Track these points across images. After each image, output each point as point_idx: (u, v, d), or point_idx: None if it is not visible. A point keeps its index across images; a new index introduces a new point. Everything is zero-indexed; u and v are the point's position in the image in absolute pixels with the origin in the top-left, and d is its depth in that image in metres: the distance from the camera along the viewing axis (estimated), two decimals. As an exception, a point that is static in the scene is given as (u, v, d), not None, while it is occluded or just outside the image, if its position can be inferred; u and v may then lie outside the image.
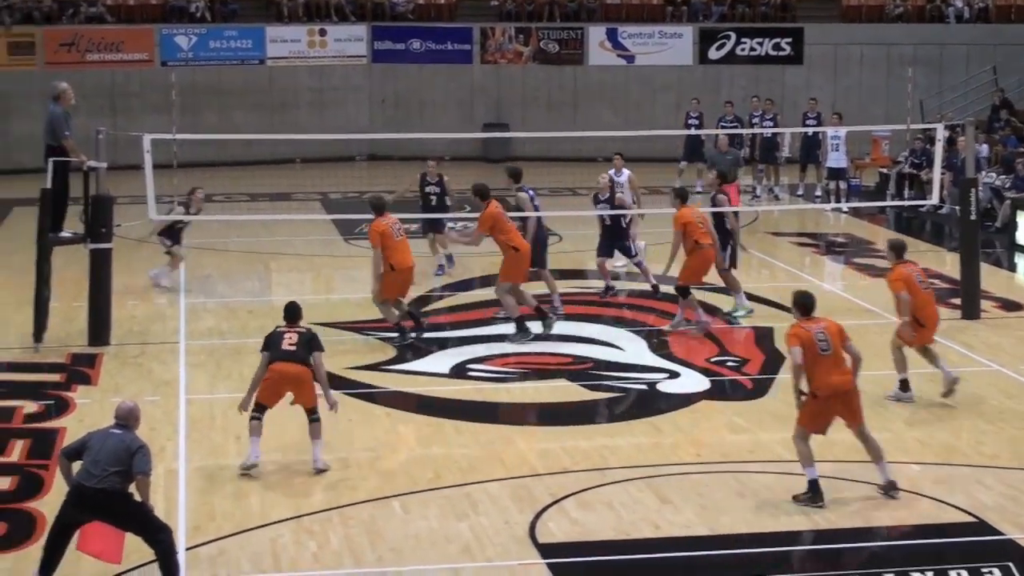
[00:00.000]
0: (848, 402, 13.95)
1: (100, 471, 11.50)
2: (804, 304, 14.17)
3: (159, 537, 11.68)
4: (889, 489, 14.05)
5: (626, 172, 24.78)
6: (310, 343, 14.91)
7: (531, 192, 22.47)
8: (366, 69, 42.56)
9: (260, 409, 14.88)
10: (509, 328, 20.75)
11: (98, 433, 11.97)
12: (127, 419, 11.99)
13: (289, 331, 15.00)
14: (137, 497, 11.66)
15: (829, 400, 13.84)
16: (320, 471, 14.76)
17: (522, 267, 20.44)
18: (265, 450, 15.19)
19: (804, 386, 13.89)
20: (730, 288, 21.86)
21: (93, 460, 11.58)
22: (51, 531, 11.91)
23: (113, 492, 11.52)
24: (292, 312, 15.30)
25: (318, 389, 14.94)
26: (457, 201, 25.13)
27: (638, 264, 23.21)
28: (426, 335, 20.48)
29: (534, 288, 21.68)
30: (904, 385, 17.22)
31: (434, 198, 24.20)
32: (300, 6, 42.45)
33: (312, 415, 14.87)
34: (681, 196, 21.12)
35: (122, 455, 11.57)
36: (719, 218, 21.68)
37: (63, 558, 11.77)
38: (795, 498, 13.88)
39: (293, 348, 14.79)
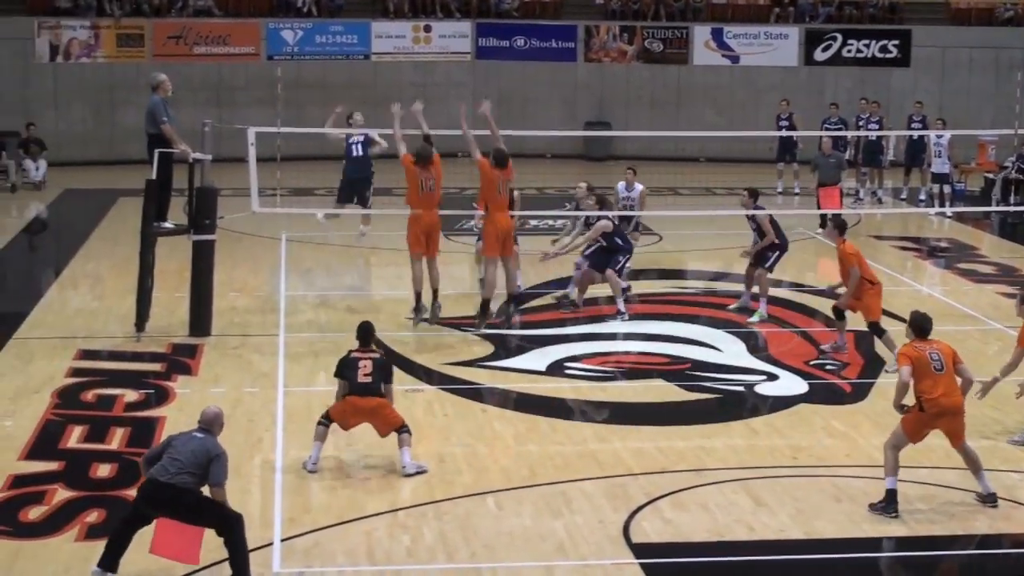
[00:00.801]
0: (953, 421, 13.82)
1: (176, 468, 11.60)
2: (920, 326, 14.04)
3: (230, 526, 11.74)
4: (988, 500, 13.90)
5: (639, 187, 24.17)
6: (384, 371, 14.81)
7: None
8: (470, 66, 42.66)
9: (329, 419, 14.90)
10: (608, 327, 21.06)
11: (181, 435, 12.06)
12: (211, 424, 12.08)
13: (363, 358, 14.81)
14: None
15: (936, 417, 13.74)
16: (410, 475, 14.63)
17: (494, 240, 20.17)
18: (359, 445, 15.31)
19: (909, 401, 13.79)
20: (762, 292, 21.66)
21: (172, 458, 11.70)
22: (117, 526, 11.95)
23: (184, 488, 11.60)
24: (365, 333, 15.10)
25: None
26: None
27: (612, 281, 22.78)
28: (525, 332, 20.66)
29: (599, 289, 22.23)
30: None
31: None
32: (406, 2, 42.62)
33: (400, 431, 14.81)
34: (840, 227, 19.76)
35: (201, 458, 11.67)
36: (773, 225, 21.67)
37: (125, 557, 11.86)
38: (871, 506, 13.77)
39: (368, 380, 14.67)
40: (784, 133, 34.51)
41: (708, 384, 18.35)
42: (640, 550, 12.80)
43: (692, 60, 42.76)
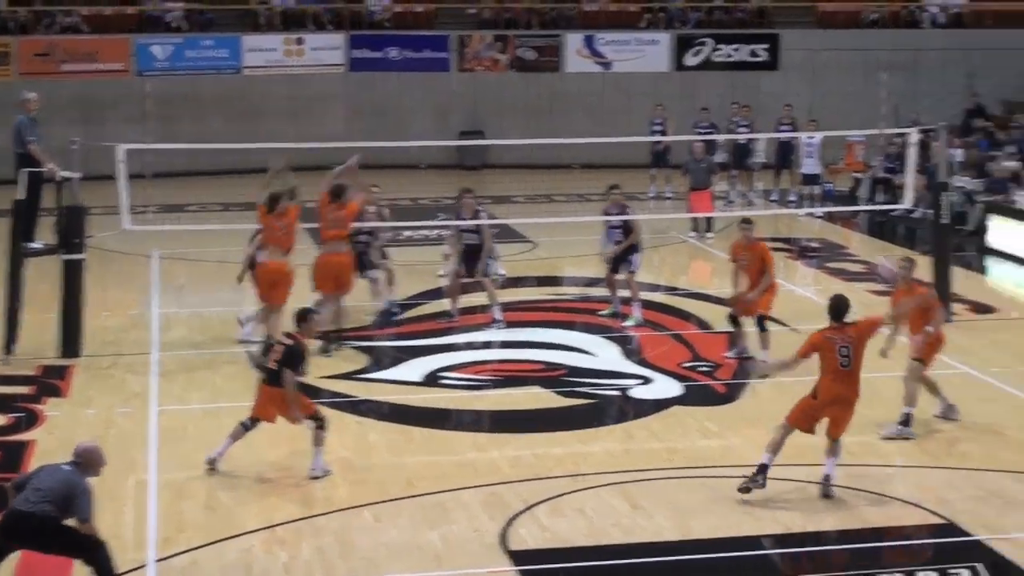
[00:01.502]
0: (842, 412, 14.22)
1: (37, 498, 11.20)
2: (836, 308, 14.50)
3: (93, 553, 11.47)
4: (824, 483, 14.26)
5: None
6: (290, 358, 14.75)
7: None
8: (343, 78, 42.52)
9: (254, 420, 15.04)
10: (483, 335, 21.29)
11: (50, 466, 11.67)
12: (81, 457, 11.59)
13: (279, 342, 14.99)
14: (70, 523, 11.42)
15: (827, 406, 14.15)
16: (315, 478, 14.82)
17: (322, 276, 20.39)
18: (237, 461, 15.22)
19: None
20: (634, 296, 21.86)
21: (35, 488, 11.29)
22: None
23: (44, 518, 11.18)
24: (298, 318, 15.20)
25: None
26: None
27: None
28: (400, 343, 20.69)
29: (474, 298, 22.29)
30: (907, 420, 16.32)
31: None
32: (277, 15, 42.41)
33: (313, 422, 14.94)
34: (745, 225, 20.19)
35: (64, 492, 11.21)
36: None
37: None
38: (740, 488, 14.14)
39: (274, 368, 14.76)
40: (658, 138, 34.71)
41: (584, 390, 18.43)
42: (518, 557, 12.83)
43: (565, 68, 42.92)
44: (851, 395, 14.18)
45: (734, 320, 19.71)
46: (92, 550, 11.47)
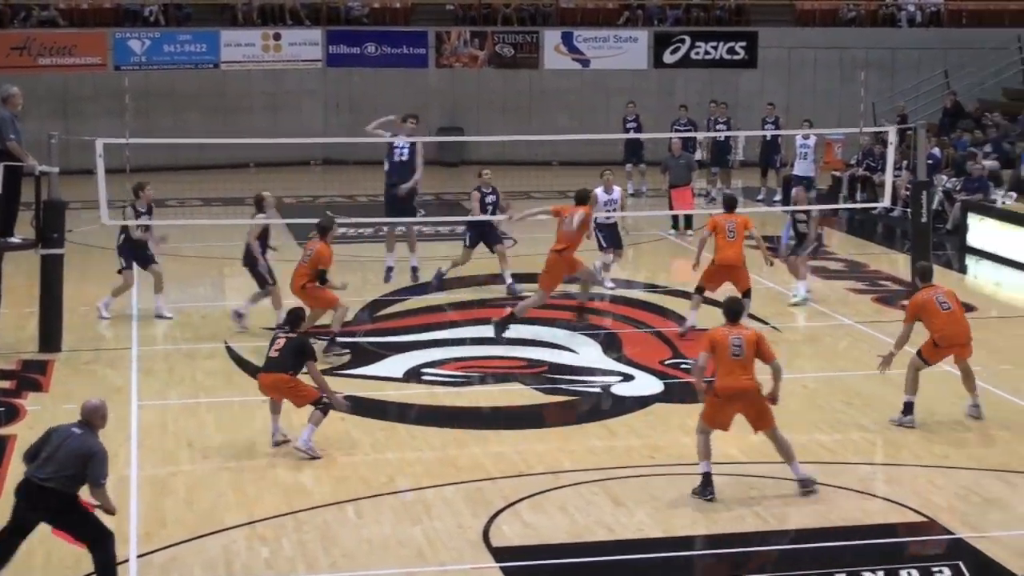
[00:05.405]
0: (750, 404, 14.26)
1: (52, 469, 11.32)
2: (729, 310, 14.66)
3: (100, 544, 11.54)
4: (805, 485, 14.26)
5: (617, 189, 24.07)
6: (297, 351, 15.39)
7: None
8: (321, 73, 42.47)
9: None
10: (463, 332, 21.21)
11: (60, 430, 11.68)
12: (91, 417, 11.69)
13: (280, 336, 15.63)
14: (92, 500, 11.54)
15: (730, 400, 14.21)
16: (297, 448, 15.31)
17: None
18: (219, 456, 15.21)
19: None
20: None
21: (48, 457, 11.39)
22: (3, 530, 11.73)
23: (60, 493, 11.35)
24: (291, 318, 15.97)
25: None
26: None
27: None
28: (381, 339, 20.64)
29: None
30: (908, 408, 16.59)
31: (490, 207, 23.76)
32: (255, 10, 42.31)
33: (316, 403, 15.47)
34: (729, 203, 22.15)
35: (78, 459, 11.35)
36: None
37: (13, 560, 11.71)
38: (693, 492, 14.18)
39: (276, 355, 15.39)
40: (632, 135, 34.74)
41: (565, 386, 18.44)
42: (500, 554, 12.84)
43: (543, 64, 42.94)
44: (747, 387, 14.20)
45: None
46: (102, 541, 11.55)
